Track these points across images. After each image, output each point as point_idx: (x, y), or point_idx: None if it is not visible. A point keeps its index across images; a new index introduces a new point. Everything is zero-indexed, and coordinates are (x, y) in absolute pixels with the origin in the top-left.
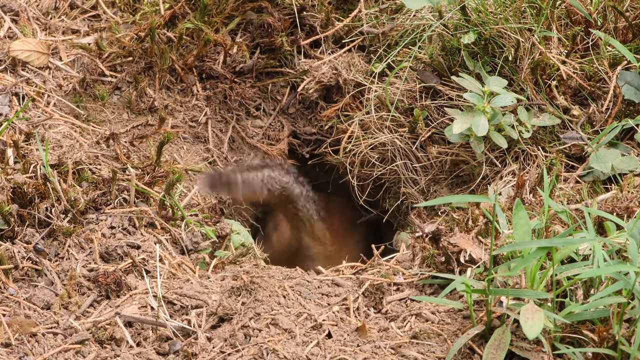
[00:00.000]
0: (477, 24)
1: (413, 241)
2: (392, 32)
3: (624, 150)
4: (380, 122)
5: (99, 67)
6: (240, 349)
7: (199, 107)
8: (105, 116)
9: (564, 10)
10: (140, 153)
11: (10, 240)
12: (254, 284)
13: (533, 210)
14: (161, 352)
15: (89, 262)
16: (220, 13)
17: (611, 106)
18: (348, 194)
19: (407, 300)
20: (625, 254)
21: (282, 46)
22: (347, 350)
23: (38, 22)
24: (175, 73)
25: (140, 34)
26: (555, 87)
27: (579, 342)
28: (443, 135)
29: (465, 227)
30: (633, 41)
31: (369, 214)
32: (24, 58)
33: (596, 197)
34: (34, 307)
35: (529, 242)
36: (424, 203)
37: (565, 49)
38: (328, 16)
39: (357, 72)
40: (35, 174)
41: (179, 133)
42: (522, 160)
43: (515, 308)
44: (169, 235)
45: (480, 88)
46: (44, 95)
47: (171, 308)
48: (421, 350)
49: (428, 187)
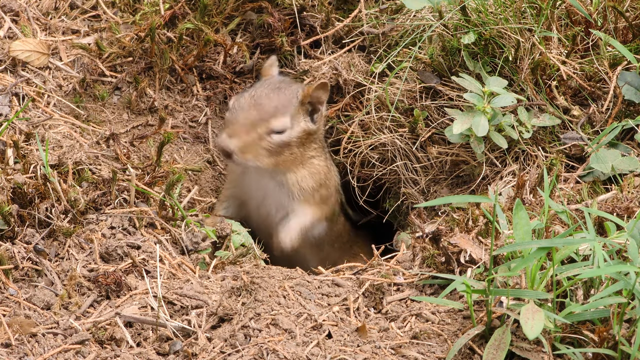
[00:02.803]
0: (477, 24)
1: (413, 241)
2: (392, 32)
3: (624, 150)
4: (381, 122)
5: (99, 68)
6: (241, 349)
7: (199, 107)
8: (105, 116)
9: (564, 10)
10: (141, 153)
11: (11, 241)
12: (254, 284)
13: (533, 210)
14: (161, 353)
15: (89, 263)
16: (220, 13)
17: (611, 106)
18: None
19: (407, 300)
20: (626, 254)
21: (282, 46)
22: (347, 350)
23: (38, 22)
24: (176, 73)
25: (141, 34)
26: (556, 88)
27: (579, 343)
28: (443, 135)
29: (465, 228)
30: (633, 41)
31: (370, 214)
32: (24, 58)
33: (596, 198)
34: (34, 307)
35: (529, 243)
36: (425, 203)
37: (565, 49)
38: (328, 16)
39: (357, 73)
40: (36, 174)
41: (179, 133)
42: (522, 161)
43: (515, 308)
44: (169, 235)
45: (480, 88)
46: (44, 96)
47: (171, 308)
48: (421, 350)
49: (428, 188)
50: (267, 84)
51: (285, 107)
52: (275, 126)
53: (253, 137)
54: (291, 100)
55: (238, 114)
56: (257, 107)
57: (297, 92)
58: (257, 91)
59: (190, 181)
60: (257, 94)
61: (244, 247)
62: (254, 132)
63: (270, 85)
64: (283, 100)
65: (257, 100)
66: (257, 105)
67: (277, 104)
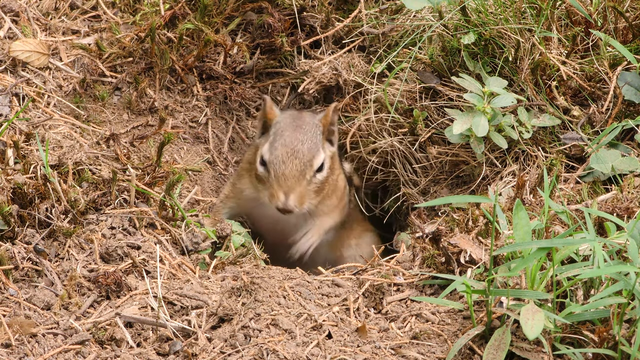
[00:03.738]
0: (477, 24)
1: (413, 242)
2: (392, 32)
3: (624, 150)
4: (380, 123)
5: (99, 68)
6: (241, 349)
7: (199, 107)
8: (105, 117)
9: (564, 10)
10: (141, 153)
11: (11, 241)
12: (254, 284)
13: (533, 210)
14: (161, 353)
15: (89, 263)
16: (220, 13)
17: (611, 107)
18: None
19: (407, 300)
20: (626, 255)
21: (282, 47)
22: (347, 350)
23: (38, 23)
24: (176, 73)
25: (141, 34)
26: (556, 88)
27: (579, 343)
28: (443, 135)
29: (465, 228)
30: (633, 42)
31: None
32: (24, 58)
33: (596, 198)
34: (34, 307)
35: (529, 243)
36: (425, 203)
37: (565, 49)
38: (328, 17)
39: (357, 73)
40: (36, 174)
41: (179, 133)
42: (522, 161)
43: (515, 308)
44: (169, 235)
45: (480, 88)
46: (44, 96)
47: (171, 308)
48: (421, 350)
49: (428, 188)
50: (289, 128)
51: (315, 144)
52: (315, 166)
53: (304, 185)
54: (316, 134)
55: (282, 168)
56: (295, 154)
57: (317, 125)
58: (285, 139)
59: (190, 181)
60: (287, 142)
61: (244, 248)
62: (303, 180)
63: (293, 128)
64: (311, 137)
65: (293, 148)
66: (295, 152)
67: (309, 145)
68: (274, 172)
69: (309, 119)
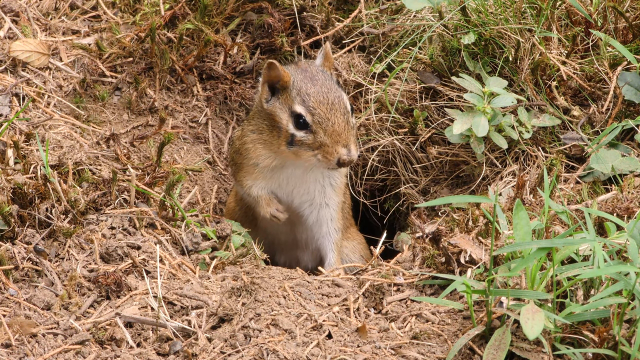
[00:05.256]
0: (478, 24)
1: (413, 242)
2: (392, 32)
3: (624, 150)
4: (380, 123)
5: (99, 68)
6: (241, 349)
7: (199, 107)
8: (105, 117)
9: (564, 10)
10: (141, 153)
11: (11, 241)
12: (254, 284)
13: (533, 210)
14: (161, 353)
15: (89, 263)
16: (220, 14)
17: (611, 107)
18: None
19: (407, 300)
20: (626, 255)
21: (283, 47)
22: (347, 350)
23: (38, 23)
24: (176, 73)
25: (141, 34)
26: (556, 88)
27: (579, 343)
28: (443, 135)
29: (465, 228)
30: (633, 42)
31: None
32: (25, 58)
33: (596, 198)
34: (34, 307)
35: (530, 243)
36: (425, 203)
37: (565, 49)
38: (328, 17)
39: (358, 73)
40: (36, 174)
41: (179, 133)
42: (522, 161)
43: (515, 308)
44: (169, 235)
45: (480, 89)
46: (44, 96)
47: (171, 308)
48: (421, 350)
49: (428, 188)
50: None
51: (338, 89)
52: (350, 110)
53: (353, 132)
54: (332, 79)
55: (331, 123)
56: (338, 103)
57: (324, 71)
58: (319, 96)
59: (190, 181)
60: (322, 98)
61: (244, 248)
62: (350, 128)
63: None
64: (333, 84)
65: (330, 101)
66: (333, 105)
67: (338, 93)
68: (324, 131)
69: (314, 68)
